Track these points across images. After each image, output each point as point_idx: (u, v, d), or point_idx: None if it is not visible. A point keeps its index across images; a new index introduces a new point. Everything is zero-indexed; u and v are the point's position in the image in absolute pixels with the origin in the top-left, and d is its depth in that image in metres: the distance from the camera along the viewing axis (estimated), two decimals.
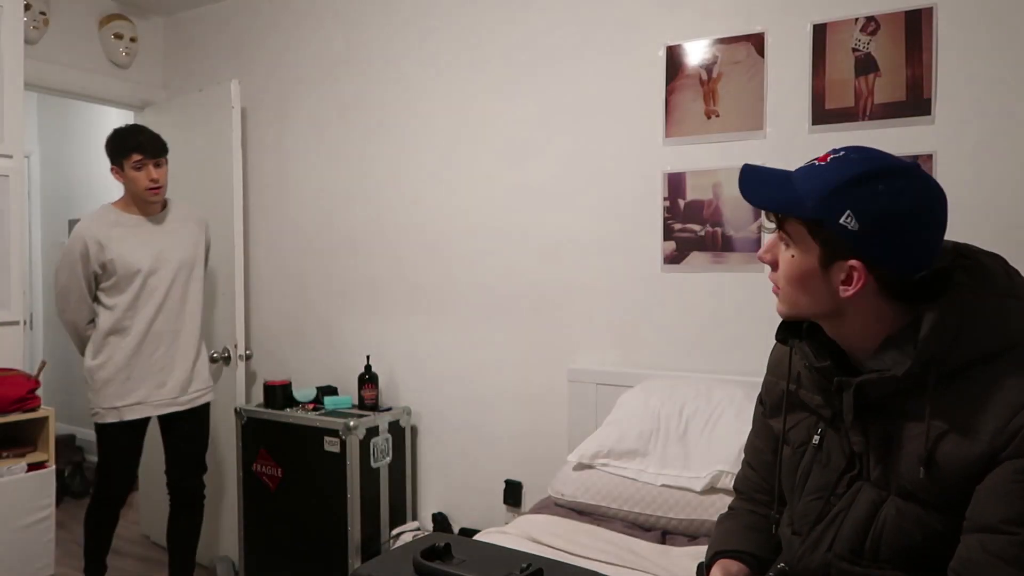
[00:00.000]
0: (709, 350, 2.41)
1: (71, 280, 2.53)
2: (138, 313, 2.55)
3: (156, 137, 2.58)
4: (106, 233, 2.53)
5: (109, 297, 2.55)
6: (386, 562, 1.07)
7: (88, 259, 2.50)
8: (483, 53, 2.83)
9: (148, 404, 2.58)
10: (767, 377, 1.24)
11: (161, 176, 2.57)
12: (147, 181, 2.53)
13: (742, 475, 1.33)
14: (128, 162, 2.51)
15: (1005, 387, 0.93)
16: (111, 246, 2.51)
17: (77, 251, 2.51)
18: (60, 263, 2.55)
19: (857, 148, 1.01)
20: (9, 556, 2.34)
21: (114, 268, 2.52)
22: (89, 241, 2.50)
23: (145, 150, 2.52)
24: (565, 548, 1.80)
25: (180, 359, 2.64)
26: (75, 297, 2.55)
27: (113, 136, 2.57)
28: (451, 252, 2.93)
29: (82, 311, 2.57)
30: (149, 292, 2.57)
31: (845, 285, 0.98)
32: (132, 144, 2.52)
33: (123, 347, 2.54)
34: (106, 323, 2.54)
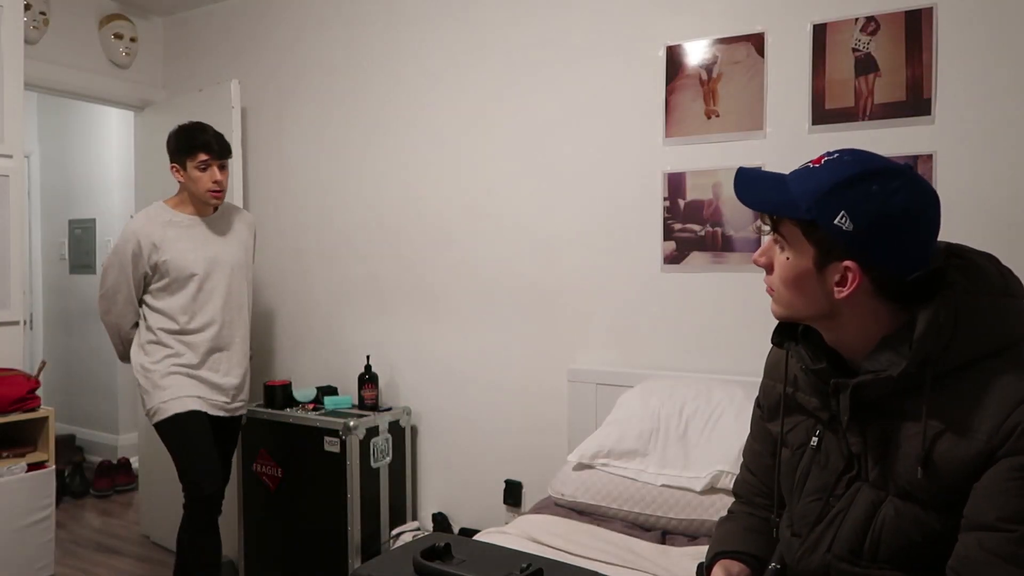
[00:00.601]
0: (709, 350, 2.41)
1: (120, 280, 2.43)
2: (195, 317, 2.46)
3: (222, 137, 2.49)
4: (160, 233, 2.42)
5: (159, 299, 2.45)
6: (386, 562, 1.07)
7: (140, 259, 2.40)
8: (483, 54, 2.83)
9: (206, 401, 2.48)
10: (764, 381, 1.24)
11: (224, 178, 2.48)
12: (210, 183, 2.43)
13: (741, 479, 1.33)
14: (192, 161, 2.41)
15: (1001, 385, 0.93)
16: (165, 247, 2.41)
17: (129, 250, 2.40)
18: (108, 262, 2.45)
19: (851, 150, 1.01)
20: (9, 556, 2.34)
21: (167, 270, 2.42)
22: (143, 240, 2.39)
23: (212, 150, 2.42)
24: (565, 548, 1.80)
25: (234, 366, 2.56)
26: (123, 298, 2.44)
27: (178, 133, 2.47)
28: (451, 252, 2.93)
29: (128, 313, 2.48)
30: (206, 296, 2.48)
31: (840, 286, 0.99)
32: (199, 143, 2.41)
33: (180, 349, 2.45)
34: (158, 324, 2.44)
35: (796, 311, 1.05)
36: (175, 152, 2.44)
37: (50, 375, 4.55)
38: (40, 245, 5.00)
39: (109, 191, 4.63)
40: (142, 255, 2.40)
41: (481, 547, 1.06)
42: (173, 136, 2.46)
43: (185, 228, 2.47)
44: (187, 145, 2.42)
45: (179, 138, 2.45)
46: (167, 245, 2.41)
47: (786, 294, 1.05)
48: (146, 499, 3.59)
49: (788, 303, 1.05)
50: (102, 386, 4.70)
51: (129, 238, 2.41)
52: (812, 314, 1.04)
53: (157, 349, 2.44)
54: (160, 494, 3.48)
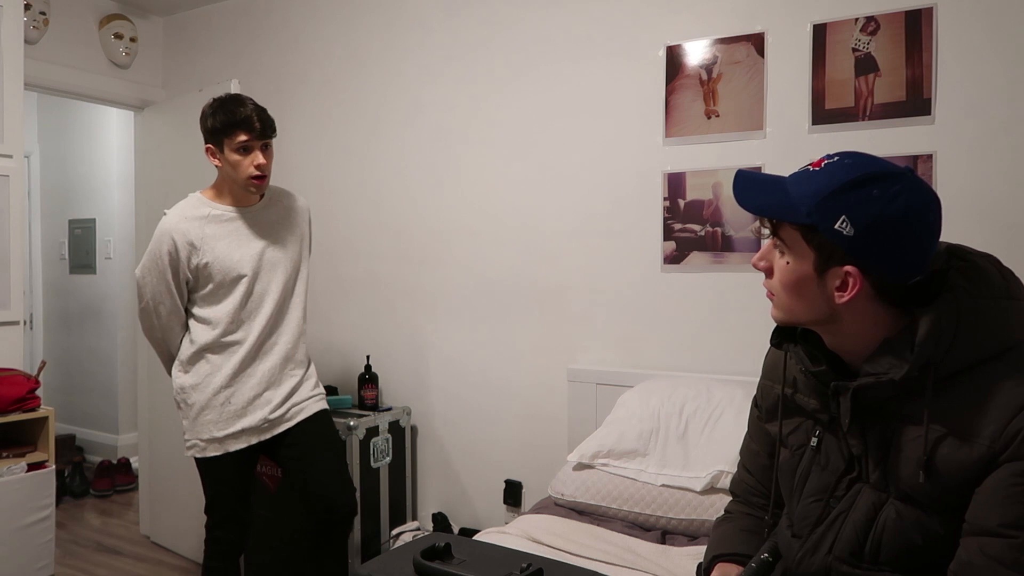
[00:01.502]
0: (709, 350, 2.41)
1: (160, 289, 2.08)
2: (242, 325, 2.11)
3: (265, 113, 2.09)
4: (199, 230, 2.06)
5: (204, 308, 2.11)
6: (386, 562, 1.07)
7: (178, 263, 2.06)
8: (483, 54, 2.83)
9: (254, 431, 2.13)
10: (762, 381, 1.24)
11: (269, 162, 2.09)
12: (251, 167, 2.04)
13: (738, 479, 1.33)
14: (230, 143, 2.02)
15: (1003, 389, 0.92)
16: (205, 246, 2.06)
17: (164, 253, 2.05)
18: (143, 270, 2.09)
19: (851, 153, 1.01)
20: (9, 556, 2.34)
21: (210, 274, 2.07)
22: (178, 240, 2.04)
23: (253, 129, 2.03)
24: (565, 548, 1.80)
25: (288, 377, 2.20)
26: (166, 310, 2.10)
27: (213, 109, 2.06)
28: (451, 252, 2.93)
29: (175, 327, 2.14)
30: (256, 301, 2.12)
31: (840, 291, 0.98)
32: (238, 120, 2.01)
33: (223, 366, 2.10)
34: (201, 337, 2.10)
35: (796, 315, 1.05)
36: (210, 132, 2.06)
37: (50, 375, 4.56)
38: (40, 245, 5.00)
39: (109, 191, 4.63)
40: (179, 258, 2.05)
41: (481, 547, 1.06)
42: (207, 113, 2.07)
43: (226, 222, 2.11)
44: (224, 123, 2.02)
45: (214, 115, 2.04)
46: (207, 244, 2.07)
47: (786, 299, 1.04)
48: (146, 499, 3.59)
49: (788, 308, 1.05)
50: (102, 386, 4.70)
51: (162, 239, 2.06)
52: (812, 318, 1.04)
53: (200, 367, 2.11)
54: (160, 494, 3.48)
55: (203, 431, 2.10)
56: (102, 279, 4.69)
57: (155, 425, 3.51)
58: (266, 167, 2.07)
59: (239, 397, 2.11)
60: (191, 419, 2.12)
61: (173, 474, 3.41)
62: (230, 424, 2.10)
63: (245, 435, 2.12)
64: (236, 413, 2.10)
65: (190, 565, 3.25)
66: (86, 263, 4.76)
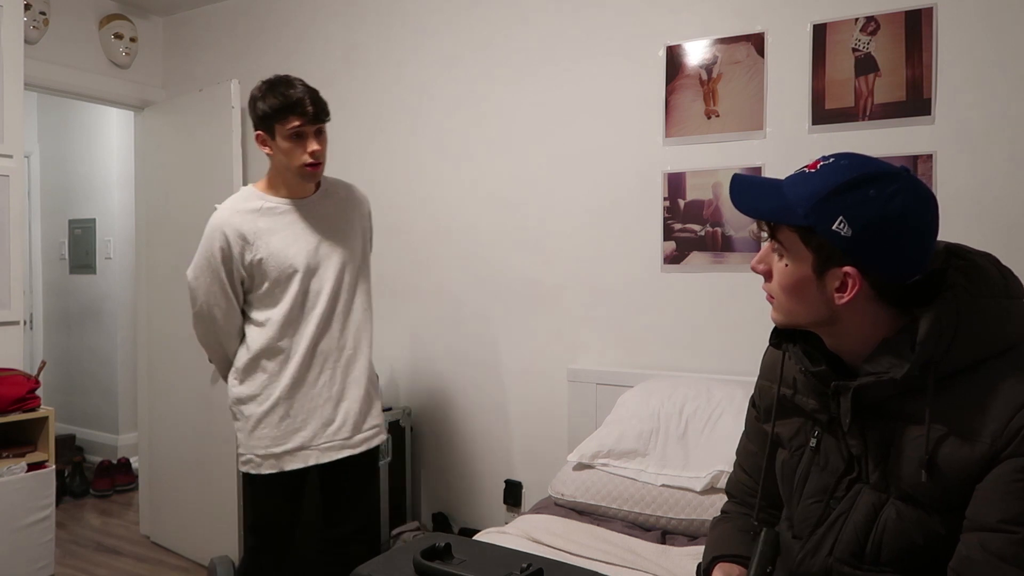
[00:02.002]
0: (709, 350, 2.41)
1: (212, 290, 1.93)
2: (299, 328, 1.96)
3: (317, 95, 1.95)
4: (251, 224, 1.92)
5: (259, 310, 1.96)
6: (386, 562, 1.07)
7: (231, 260, 1.91)
8: (483, 54, 2.83)
9: (313, 449, 1.97)
10: (760, 381, 1.24)
11: (323, 147, 1.95)
12: (304, 155, 1.90)
13: (734, 479, 1.32)
14: (282, 129, 1.88)
15: (1004, 388, 0.93)
16: (259, 241, 1.91)
17: (216, 250, 1.90)
18: (194, 270, 1.95)
19: (847, 154, 1.01)
20: (9, 556, 2.34)
21: (265, 271, 1.92)
22: (230, 234, 1.90)
23: (305, 113, 1.88)
24: (565, 548, 1.80)
25: (352, 386, 2.03)
26: (222, 312, 1.95)
27: (262, 93, 1.92)
28: (451, 252, 2.93)
29: (232, 330, 1.98)
30: (312, 300, 1.97)
31: (840, 292, 0.98)
32: (290, 104, 1.87)
33: (280, 374, 1.95)
34: (257, 342, 1.95)
35: (796, 317, 1.05)
36: (260, 119, 1.91)
37: (50, 375, 4.56)
38: (40, 245, 5.00)
39: (109, 191, 4.63)
40: (232, 254, 1.90)
41: (481, 547, 1.06)
42: (256, 97, 1.93)
43: (280, 215, 1.96)
44: (274, 108, 1.88)
45: (264, 100, 1.90)
46: (261, 239, 1.91)
47: (786, 301, 1.04)
48: (146, 499, 3.59)
49: (788, 310, 1.05)
50: (102, 386, 4.70)
51: (214, 235, 1.91)
52: (813, 320, 1.04)
53: (257, 377, 1.96)
54: (160, 494, 3.48)
55: (259, 446, 1.95)
56: (102, 279, 4.69)
57: (155, 425, 3.51)
58: (320, 153, 1.93)
59: (299, 410, 1.96)
60: (247, 432, 1.97)
61: (173, 474, 3.41)
62: (288, 440, 1.94)
63: (303, 454, 1.96)
64: (294, 428, 1.95)
65: (190, 565, 3.25)
66: (86, 263, 4.76)
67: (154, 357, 3.53)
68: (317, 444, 1.97)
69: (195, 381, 3.27)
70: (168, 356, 3.43)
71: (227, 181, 3.13)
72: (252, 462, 1.97)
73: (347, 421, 2.01)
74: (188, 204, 3.33)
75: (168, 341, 3.43)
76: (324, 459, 1.98)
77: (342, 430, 2.00)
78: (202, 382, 3.24)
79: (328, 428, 1.98)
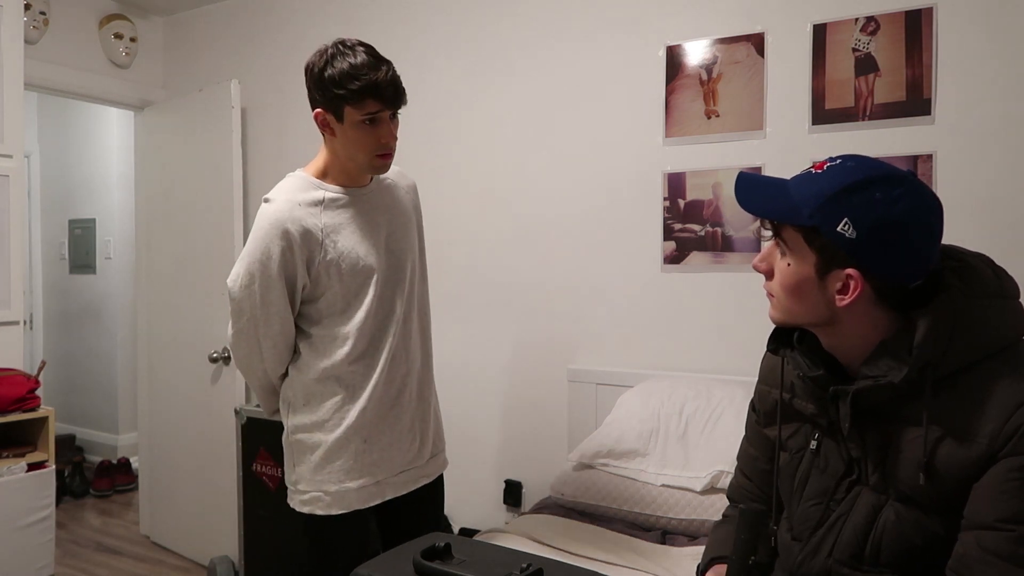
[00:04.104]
0: (709, 350, 2.41)
1: (269, 301, 1.56)
2: (375, 340, 1.63)
3: (397, 75, 1.56)
4: (316, 220, 1.57)
5: (323, 324, 1.61)
6: (386, 562, 1.07)
7: (295, 264, 1.55)
8: (483, 53, 2.83)
9: (392, 482, 1.67)
10: (759, 385, 1.23)
11: (396, 134, 1.61)
12: (378, 144, 1.57)
13: (736, 484, 1.32)
14: (355, 112, 1.52)
15: (1000, 388, 0.93)
16: (328, 240, 1.57)
17: (277, 253, 1.53)
18: (242, 280, 1.58)
19: (853, 156, 1.01)
20: (9, 556, 2.34)
21: (334, 276, 1.58)
22: (294, 233, 1.54)
23: (385, 96, 1.52)
24: (565, 548, 1.80)
25: (428, 403, 1.78)
26: (275, 330, 1.59)
27: (334, 66, 1.51)
28: (450, 252, 2.93)
29: (283, 351, 1.64)
30: (387, 307, 1.65)
31: (841, 294, 0.98)
32: (369, 85, 1.50)
33: (358, 396, 1.62)
34: (322, 363, 1.61)
35: (795, 317, 1.05)
36: (330, 98, 1.54)
37: (50, 375, 4.56)
38: (40, 245, 5.00)
39: (109, 191, 4.63)
40: (296, 258, 1.55)
41: (481, 547, 1.06)
42: (322, 68, 1.53)
43: (342, 208, 1.62)
44: (352, 87, 1.50)
45: (337, 76, 1.51)
46: (329, 237, 1.58)
47: (786, 300, 1.04)
48: (146, 499, 3.59)
49: (787, 309, 1.05)
50: (102, 386, 4.70)
51: (272, 234, 1.54)
52: (811, 320, 1.04)
53: (326, 400, 1.63)
54: (160, 494, 3.49)
55: (328, 481, 1.62)
56: (102, 279, 4.69)
57: (155, 425, 3.52)
58: (394, 143, 1.61)
59: (380, 437, 1.64)
60: (313, 466, 1.63)
61: (173, 474, 3.41)
62: (365, 472, 1.63)
63: (381, 487, 1.65)
64: (373, 459, 1.64)
65: (190, 565, 3.26)
66: (86, 263, 4.76)
67: (154, 357, 3.53)
68: (396, 475, 1.68)
69: (195, 381, 3.27)
70: (168, 356, 3.44)
71: (227, 181, 3.13)
72: (320, 501, 1.62)
73: (425, 445, 1.73)
74: (188, 204, 3.33)
75: (168, 341, 3.44)
76: (401, 491, 1.69)
77: (419, 456, 1.72)
78: (202, 382, 3.24)
79: (407, 455, 1.69)
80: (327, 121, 1.57)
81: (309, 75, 1.56)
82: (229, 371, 3.15)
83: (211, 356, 3.12)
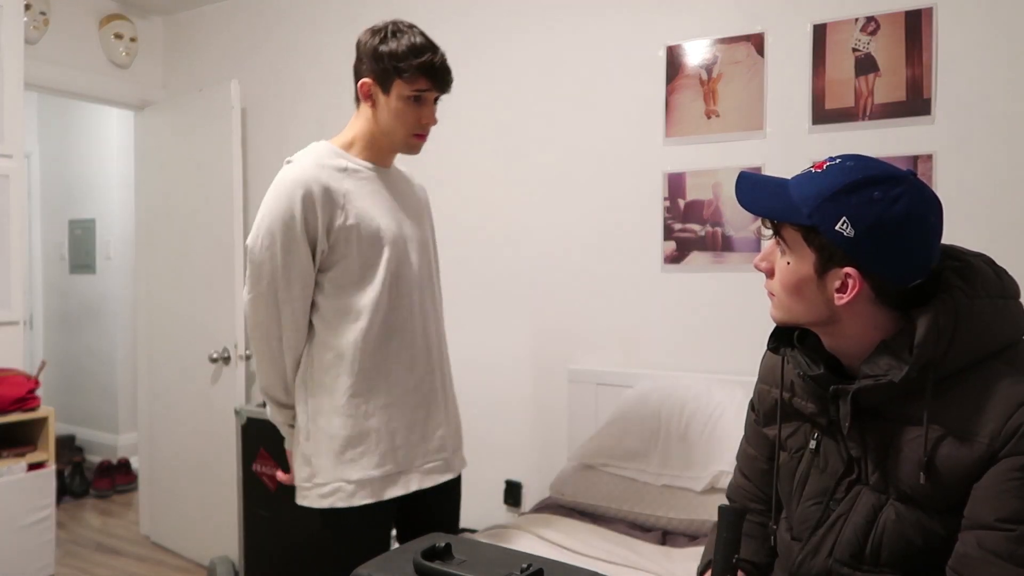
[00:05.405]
0: (709, 350, 2.41)
1: (290, 264, 1.51)
2: (391, 321, 1.59)
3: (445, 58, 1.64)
4: (339, 184, 1.55)
5: (341, 296, 1.56)
6: (386, 562, 1.07)
7: (317, 225, 1.51)
8: (483, 54, 2.83)
9: (415, 471, 1.62)
10: (759, 385, 1.24)
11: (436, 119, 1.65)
12: (418, 123, 1.60)
13: (735, 484, 1.32)
14: (404, 87, 1.56)
15: (1001, 387, 0.93)
16: (349, 205, 1.54)
17: (298, 211, 1.49)
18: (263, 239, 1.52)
19: (854, 156, 1.01)
20: (9, 556, 2.34)
21: (356, 241, 1.54)
22: (317, 192, 1.50)
23: (436, 77, 1.58)
24: (565, 548, 1.80)
25: (452, 396, 1.77)
26: (298, 291, 1.54)
27: (392, 40, 1.58)
28: (449, 252, 2.91)
29: (301, 322, 1.58)
30: (404, 288, 1.61)
31: (840, 293, 0.98)
32: (426, 64, 1.55)
33: (377, 379, 1.58)
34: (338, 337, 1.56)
35: (795, 316, 1.05)
36: (383, 68, 1.56)
37: (50, 375, 4.56)
38: (40, 245, 5.01)
39: (109, 191, 4.63)
40: (318, 218, 1.50)
41: (481, 547, 1.06)
42: (381, 40, 1.59)
43: (364, 180, 1.60)
44: (409, 61, 1.54)
45: (395, 50, 1.56)
46: (350, 203, 1.54)
47: (786, 299, 1.04)
48: (146, 499, 3.59)
49: (787, 308, 1.05)
50: (102, 386, 4.71)
51: (294, 192, 1.50)
52: (811, 319, 1.04)
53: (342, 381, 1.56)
54: (160, 494, 3.49)
55: (350, 470, 1.55)
56: (102, 279, 4.69)
57: (155, 425, 3.52)
58: (432, 125, 1.65)
59: (404, 424, 1.60)
60: (334, 454, 1.56)
61: (173, 474, 3.41)
62: (391, 460, 1.58)
63: (405, 478, 1.60)
64: (397, 447, 1.59)
65: (190, 565, 3.26)
66: (86, 263, 4.76)
67: (154, 357, 3.53)
68: (420, 465, 1.62)
69: (195, 381, 3.27)
70: (168, 356, 3.44)
71: (227, 181, 3.13)
72: (341, 491, 1.55)
73: (449, 438, 1.69)
74: (188, 204, 3.33)
75: (168, 341, 3.44)
76: (427, 483, 1.63)
77: (444, 448, 1.67)
78: (202, 382, 3.24)
79: (431, 443, 1.64)
80: (371, 92, 1.59)
81: (362, 47, 1.61)
82: (229, 371, 3.15)
83: (211, 356, 3.12)
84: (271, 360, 1.60)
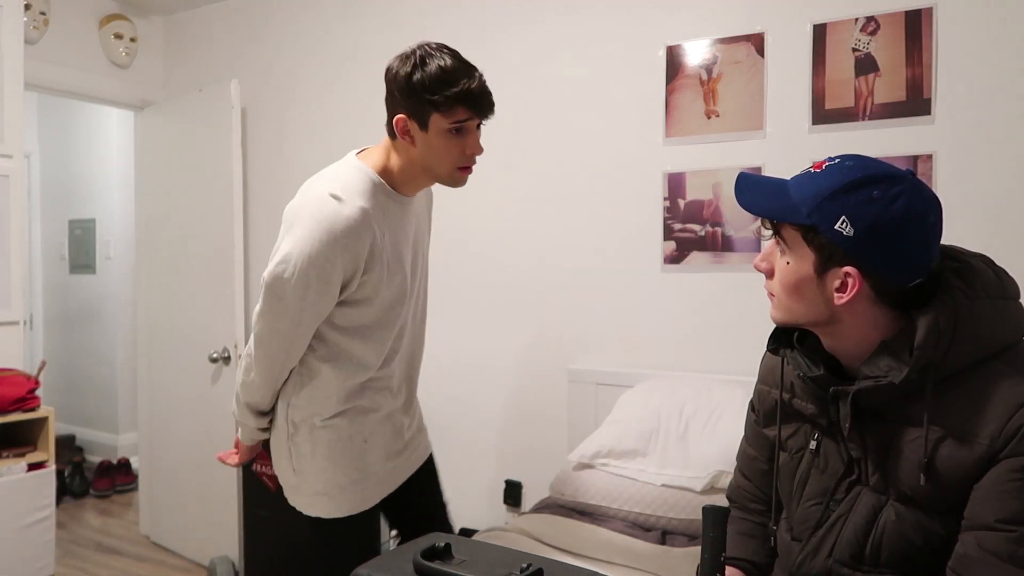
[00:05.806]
0: (709, 350, 2.41)
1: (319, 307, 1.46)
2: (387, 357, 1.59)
3: (485, 83, 1.49)
4: (380, 225, 1.48)
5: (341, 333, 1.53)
6: (386, 562, 1.07)
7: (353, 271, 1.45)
8: (483, 54, 2.81)
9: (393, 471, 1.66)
10: (758, 386, 1.24)
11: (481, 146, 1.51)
12: (463, 155, 1.48)
13: (735, 484, 1.32)
14: (443, 120, 1.43)
15: (1001, 388, 0.93)
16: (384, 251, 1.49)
17: (338, 259, 1.41)
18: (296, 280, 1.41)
19: (853, 156, 1.01)
20: (9, 556, 2.34)
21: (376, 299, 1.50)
22: (363, 242, 1.43)
23: (476, 104, 1.44)
24: (565, 548, 1.80)
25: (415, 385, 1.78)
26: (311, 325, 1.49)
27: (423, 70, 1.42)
28: (450, 252, 2.93)
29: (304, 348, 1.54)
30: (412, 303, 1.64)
31: (840, 292, 0.98)
32: (462, 92, 1.41)
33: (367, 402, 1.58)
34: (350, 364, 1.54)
35: (795, 316, 1.05)
36: (416, 102, 1.43)
37: (50, 375, 4.56)
38: (40, 245, 5.00)
39: (109, 191, 4.63)
40: (358, 267, 1.45)
41: (481, 547, 1.06)
42: (409, 72, 1.43)
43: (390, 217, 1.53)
44: (444, 93, 1.40)
45: (426, 78, 1.41)
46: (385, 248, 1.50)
47: (786, 299, 1.04)
48: (146, 499, 3.59)
49: (787, 308, 1.05)
50: (102, 386, 4.71)
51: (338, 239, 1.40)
52: (811, 319, 1.04)
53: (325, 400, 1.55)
54: (160, 494, 3.49)
55: (333, 480, 1.56)
56: (102, 279, 4.69)
57: (155, 425, 3.52)
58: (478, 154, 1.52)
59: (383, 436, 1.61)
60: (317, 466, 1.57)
61: (173, 474, 3.41)
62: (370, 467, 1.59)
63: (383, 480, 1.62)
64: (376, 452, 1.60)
65: (190, 565, 3.26)
66: (86, 263, 4.76)
67: (154, 357, 3.53)
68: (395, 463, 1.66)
69: (195, 381, 3.27)
70: (168, 356, 3.44)
71: (227, 181, 3.13)
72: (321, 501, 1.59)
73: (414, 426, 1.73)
74: (188, 204, 3.33)
75: (168, 341, 3.44)
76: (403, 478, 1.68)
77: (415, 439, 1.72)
78: (202, 382, 3.24)
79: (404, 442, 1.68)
80: (408, 129, 1.46)
81: (392, 79, 1.47)
82: (229, 371, 3.15)
83: (211, 356, 3.12)
84: (271, 384, 1.57)
